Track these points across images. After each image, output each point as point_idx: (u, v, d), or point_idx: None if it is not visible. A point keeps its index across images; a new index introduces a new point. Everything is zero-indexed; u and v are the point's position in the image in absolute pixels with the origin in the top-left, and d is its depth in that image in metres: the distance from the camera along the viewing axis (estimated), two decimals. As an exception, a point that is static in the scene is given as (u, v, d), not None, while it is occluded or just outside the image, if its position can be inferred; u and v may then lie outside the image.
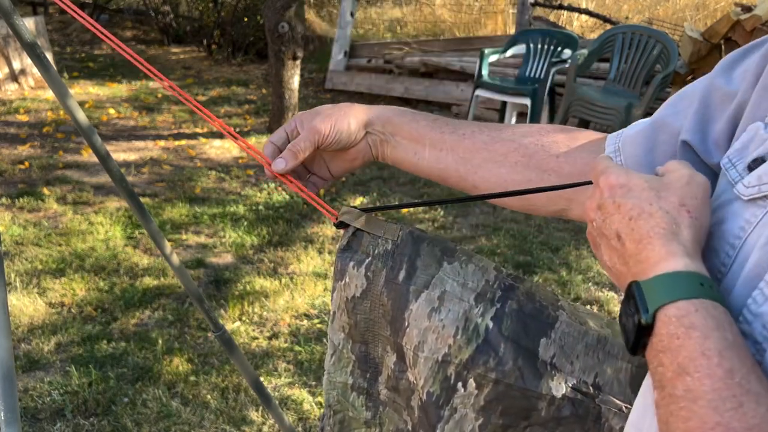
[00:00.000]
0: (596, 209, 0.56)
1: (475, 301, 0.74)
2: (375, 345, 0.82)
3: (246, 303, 2.89)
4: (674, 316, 0.47)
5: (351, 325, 0.82)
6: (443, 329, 0.73)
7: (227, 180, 4.30)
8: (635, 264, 0.52)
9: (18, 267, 3.04)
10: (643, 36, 4.75)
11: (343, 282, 0.81)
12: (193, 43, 8.39)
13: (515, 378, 0.71)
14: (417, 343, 0.75)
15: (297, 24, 5.02)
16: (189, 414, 2.22)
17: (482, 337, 0.73)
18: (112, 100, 5.94)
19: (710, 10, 7.53)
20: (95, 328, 2.66)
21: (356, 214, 0.82)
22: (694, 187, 0.54)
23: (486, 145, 0.79)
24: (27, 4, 8.71)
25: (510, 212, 3.97)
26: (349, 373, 0.84)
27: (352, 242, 0.81)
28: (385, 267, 0.78)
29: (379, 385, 0.83)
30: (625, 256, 0.53)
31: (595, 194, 0.57)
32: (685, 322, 0.46)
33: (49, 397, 2.26)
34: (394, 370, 0.80)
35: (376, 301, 0.79)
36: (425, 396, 0.75)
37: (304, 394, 2.35)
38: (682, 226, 0.51)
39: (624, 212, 0.53)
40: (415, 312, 0.75)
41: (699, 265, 0.50)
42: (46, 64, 1.04)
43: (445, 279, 0.76)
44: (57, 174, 4.19)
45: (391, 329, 0.78)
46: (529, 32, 5.43)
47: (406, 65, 6.40)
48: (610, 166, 0.57)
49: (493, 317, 0.73)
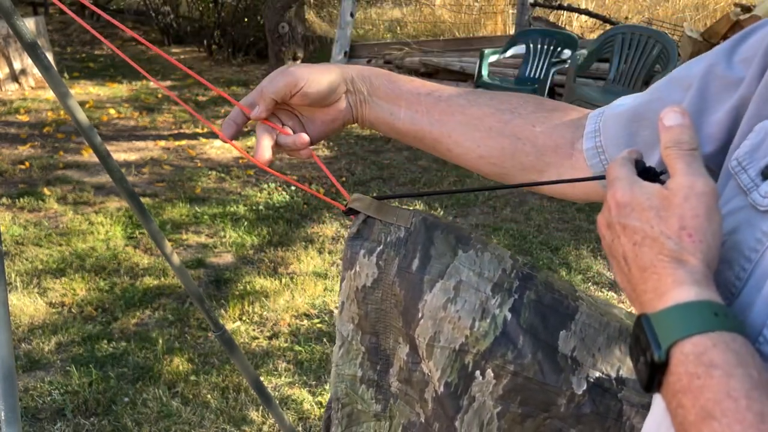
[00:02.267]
0: (606, 227, 0.54)
1: (492, 292, 0.72)
2: (386, 336, 0.79)
3: (246, 303, 2.89)
4: (691, 354, 0.44)
5: (361, 315, 0.79)
6: (459, 320, 0.71)
7: (227, 180, 4.30)
8: (642, 293, 0.49)
9: (18, 267, 3.04)
10: (643, 36, 4.75)
11: (353, 271, 0.78)
12: (194, 43, 8.40)
13: (534, 372, 0.69)
14: (432, 334, 0.73)
15: (297, 24, 5.03)
16: (189, 414, 2.22)
17: (500, 329, 0.70)
18: (113, 100, 5.94)
19: (710, 11, 7.53)
20: (95, 327, 2.66)
21: (367, 201, 0.78)
22: (695, 202, 0.49)
23: (462, 108, 0.76)
24: (27, 4, 8.72)
25: (510, 212, 3.98)
26: (359, 365, 0.82)
27: (362, 230, 0.78)
28: (398, 255, 0.75)
29: (390, 377, 0.81)
30: (632, 282, 0.50)
31: (605, 210, 0.54)
32: (704, 360, 0.43)
33: (50, 397, 2.27)
34: (407, 361, 0.78)
35: (388, 290, 0.76)
36: (442, 388, 0.73)
37: (305, 394, 2.36)
38: (687, 253, 0.47)
39: (629, 235, 0.51)
40: (429, 303, 0.73)
41: (711, 292, 0.46)
42: (47, 64, 1.05)
43: (461, 268, 0.73)
44: (57, 174, 4.19)
45: (404, 320, 0.76)
46: (529, 32, 5.43)
47: (406, 65, 6.40)
48: (618, 178, 0.53)
49: (510, 308, 0.71)
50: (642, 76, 4.72)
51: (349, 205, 0.79)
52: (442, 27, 8.31)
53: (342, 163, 4.76)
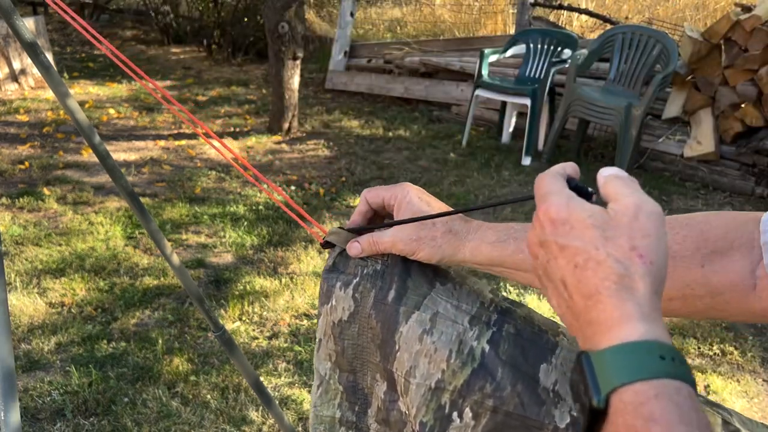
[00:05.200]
0: (539, 246, 0.49)
1: (470, 324, 0.70)
2: (364, 373, 0.77)
3: (246, 303, 2.89)
4: (630, 404, 0.40)
5: (338, 352, 0.77)
6: (435, 352, 0.69)
7: (227, 180, 4.30)
8: (585, 325, 0.45)
9: (18, 267, 3.04)
10: (643, 36, 4.75)
11: (330, 305, 0.76)
12: (193, 43, 8.40)
13: (514, 405, 0.66)
14: (408, 368, 0.70)
15: (297, 24, 5.03)
16: (189, 414, 2.22)
17: (478, 361, 0.68)
18: (112, 100, 5.94)
19: (710, 10, 7.53)
20: (95, 328, 2.66)
21: (345, 236, 0.77)
22: (644, 222, 0.46)
23: None
24: (27, 4, 8.71)
25: (510, 212, 3.97)
26: (337, 405, 0.80)
27: (338, 262, 0.76)
28: (374, 288, 0.73)
29: (369, 419, 0.78)
30: (574, 310, 0.46)
31: (535, 227, 0.50)
32: (643, 413, 0.40)
33: (49, 397, 2.26)
34: (384, 400, 0.75)
35: (364, 324, 0.74)
36: (418, 426, 0.70)
37: (304, 394, 2.35)
38: (636, 276, 0.44)
39: (568, 257, 0.46)
40: (405, 334, 0.70)
41: (658, 329, 0.43)
42: (46, 64, 1.04)
43: (438, 300, 0.71)
44: (57, 174, 4.19)
45: (381, 354, 0.73)
46: (529, 32, 5.43)
47: (406, 65, 6.40)
48: (551, 193, 0.49)
49: (489, 340, 0.68)
50: (642, 76, 4.71)
51: (326, 238, 0.78)
52: (442, 26, 8.31)
53: (342, 162, 4.76)
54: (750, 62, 4.34)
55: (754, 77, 4.35)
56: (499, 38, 6.30)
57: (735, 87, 4.44)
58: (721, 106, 4.54)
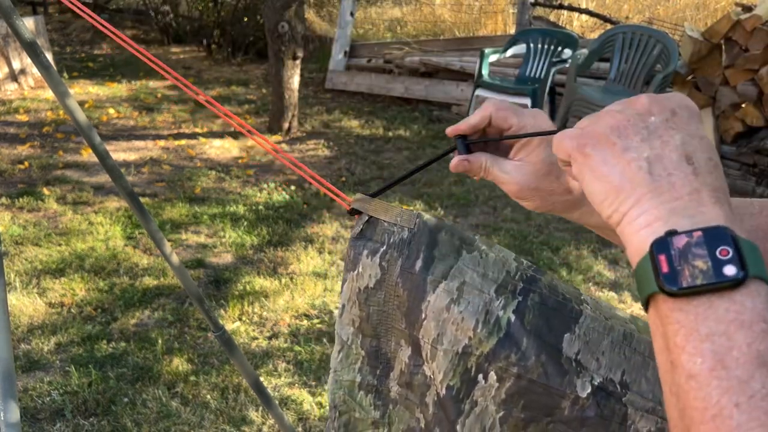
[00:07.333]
0: (641, 141, 0.48)
1: (496, 293, 0.71)
2: (388, 339, 0.78)
3: (246, 303, 2.88)
4: (765, 292, 0.38)
5: (362, 318, 0.78)
6: (463, 321, 0.70)
7: (227, 180, 4.30)
8: (678, 198, 0.43)
9: (18, 267, 3.04)
10: (644, 36, 4.75)
11: (356, 272, 0.77)
12: (193, 42, 8.40)
13: (538, 374, 0.68)
14: (436, 336, 0.72)
15: (297, 24, 5.02)
16: (189, 414, 2.21)
17: (504, 330, 0.70)
18: (112, 100, 5.93)
19: (710, 10, 7.53)
20: (95, 328, 2.65)
21: (370, 201, 0.78)
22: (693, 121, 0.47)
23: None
24: (27, 3, 8.71)
25: (510, 212, 3.97)
26: (358, 370, 0.81)
27: (365, 230, 0.77)
28: (401, 256, 0.74)
29: (390, 382, 0.80)
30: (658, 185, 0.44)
31: (628, 134, 0.49)
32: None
33: (49, 397, 2.26)
34: (408, 364, 0.77)
35: (390, 291, 0.75)
36: (444, 390, 0.72)
37: (304, 394, 2.35)
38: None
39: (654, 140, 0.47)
40: (432, 303, 0.72)
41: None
42: (46, 64, 1.04)
43: (465, 269, 0.73)
44: (57, 174, 4.19)
45: (407, 321, 0.75)
46: (529, 32, 5.43)
47: (406, 65, 6.39)
48: (602, 114, 0.51)
49: (514, 310, 0.70)
50: (642, 76, 4.71)
51: (353, 205, 0.79)
52: (442, 26, 8.31)
53: (342, 162, 4.76)
54: (750, 62, 4.34)
55: (755, 77, 4.34)
56: (500, 38, 6.30)
57: (735, 87, 4.44)
58: (722, 106, 4.54)
